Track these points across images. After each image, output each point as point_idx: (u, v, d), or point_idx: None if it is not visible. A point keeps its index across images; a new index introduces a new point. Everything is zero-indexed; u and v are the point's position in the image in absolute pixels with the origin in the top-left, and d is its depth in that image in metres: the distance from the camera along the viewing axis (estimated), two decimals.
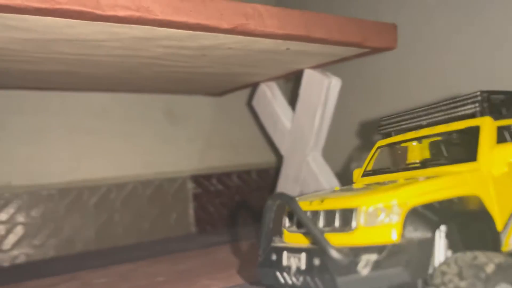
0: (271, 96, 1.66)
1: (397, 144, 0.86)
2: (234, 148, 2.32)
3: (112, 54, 1.14)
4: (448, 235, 0.62)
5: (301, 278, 0.60)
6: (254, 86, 1.75)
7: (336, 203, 0.62)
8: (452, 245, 0.62)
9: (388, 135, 0.89)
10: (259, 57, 1.29)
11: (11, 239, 1.76)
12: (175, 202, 2.16)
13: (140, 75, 1.45)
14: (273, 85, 1.70)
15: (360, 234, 0.60)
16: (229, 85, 1.77)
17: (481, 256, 0.58)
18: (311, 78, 1.48)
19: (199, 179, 2.24)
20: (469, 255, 0.59)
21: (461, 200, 0.64)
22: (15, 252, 1.77)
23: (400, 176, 0.77)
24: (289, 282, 0.62)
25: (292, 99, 1.62)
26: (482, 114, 0.75)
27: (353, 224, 0.60)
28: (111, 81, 1.54)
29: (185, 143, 2.20)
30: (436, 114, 0.80)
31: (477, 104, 0.75)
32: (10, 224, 1.78)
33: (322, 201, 0.64)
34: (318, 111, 1.45)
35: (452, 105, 0.78)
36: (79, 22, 0.87)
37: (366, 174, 0.85)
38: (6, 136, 1.81)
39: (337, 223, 0.62)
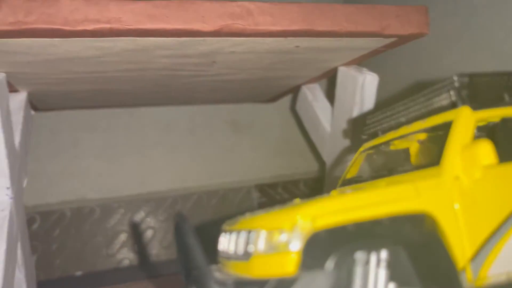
0: (312, 99, 1.56)
1: (381, 147, 0.72)
2: (301, 154, 2.23)
3: (122, 69, 1.17)
4: (392, 264, 0.47)
5: None
6: (297, 90, 1.67)
7: (247, 223, 0.52)
8: (397, 277, 0.47)
9: (375, 135, 0.75)
10: (276, 59, 1.22)
11: None
12: (240, 212, 2.14)
13: (172, 88, 1.46)
14: (315, 87, 1.59)
15: (256, 263, 0.47)
16: (272, 91, 1.71)
17: None
18: (345, 76, 1.35)
19: (264, 188, 2.20)
20: None
21: (397, 220, 0.47)
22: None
23: (363, 186, 0.63)
24: None
25: None
26: (461, 104, 0.58)
27: (250, 250, 0.48)
28: (151, 96, 1.58)
29: (249, 152, 2.18)
30: (413, 108, 0.64)
31: (452, 92, 0.58)
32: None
33: (246, 219, 0.54)
34: (354, 111, 1.32)
35: (429, 96, 0.62)
36: (58, 40, 0.90)
37: (344, 183, 0.72)
38: (80, 152, 1.97)
39: (240, 248, 0.50)
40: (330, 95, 1.52)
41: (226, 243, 0.52)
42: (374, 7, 1.06)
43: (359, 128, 0.77)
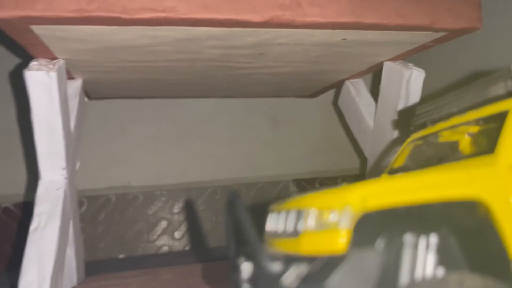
0: (355, 94, 1.55)
1: (431, 137, 0.71)
2: (340, 151, 2.23)
3: (172, 59, 1.21)
4: (441, 248, 0.48)
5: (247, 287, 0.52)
6: (340, 85, 1.66)
7: (297, 202, 0.53)
8: (446, 261, 0.48)
9: (424, 126, 0.75)
10: (323, 52, 1.22)
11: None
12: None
13: (218, 80, 1.49)
14: (359, 82, 1.58)
15: (306, 240, 0.48)
16: (315, 85, 1.71)
17: (469, 281, 0.43)
18: (390, 71, 1.34)
19: (302, 183, 2.21)
20: (453, 277, 0.44)
21: (449, 205, 0.47)
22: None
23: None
24: None
25: None
26: None
27: (300, 227, 0.49)
28: (196, 88, 1.62)
29: (288, 147, 2.20)
30: (467, 98, 0.64)
31: (509, 81, 0.57)
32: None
33: (294, 199, 0.56)
34: (398, 107, 1.31)
35: (483, 85, 0.61)
36: (115, 28, 0.94)
37: (391, 172, 0.72)
38: (126, 141, 2.05)
39: (289, 226, 0.51)
40: (374, 90, 1.51)
41: (274, 222, 0.54)
42: (425, 1, 1.05)
43: (405, 122, 0.76)
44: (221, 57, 1.20)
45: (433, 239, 0.48)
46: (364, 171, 1.57)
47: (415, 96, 1.29)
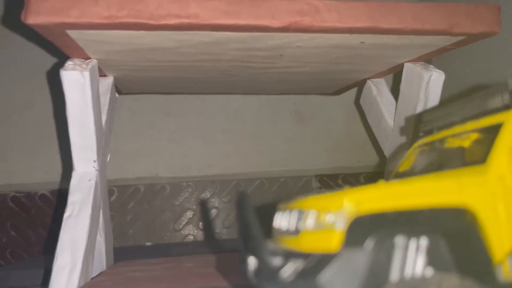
0: (377, 93, 1.57)
1: (437, 143, 0.74)
2: (363, 148, 2.25)
3: (197, 60, 1.27)
4: (430, 251, 0.52)
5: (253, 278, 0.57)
6: (362, 84, 1.69)
7: (300, 203, 0.58)
8: (435, 263, 0.52)
9: (430, 132, 0.78)
10: (342, 54, 1.26)
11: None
12: None
13: (241, 78, 1.55)
14: (381, 81, 1.60)
15: (304, 239, 0.54)
16: (337, 84, 1.74)
17: (447, 282, 0.47)
18: (411, 72, 1.36)
19: (324, 179, 2.25)
20: (434, 277, 0.48)
21: (438, 211, 0.51)
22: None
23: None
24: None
25: None
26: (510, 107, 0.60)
27: (300, 226, 0.55)
28: (221, 84, 1.68)
29: (311, 143, 2.24)
30: (468, 108, 0.67)
31: (505, 95, 0.60)
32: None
33: (298, 200, 0.61)
34: (418, 108, 1.33)
35: (484, 97, 0.64)
36: (143, 32, 1.01)
37: (397, 176, 0.76)
38: (155, 134, 2.13)
39: (292, 225, 0.56)
40: (396, 90, 1.53)
41: (280, 220, 0.59)
42: (443, 5, 1.07)
43: (417, 125, 0.80)
44: (242, 58, 1.26)
45: (423, 241, 0.52)
46: (383, 170, 1.60)
47: (434, 98, 1.31)
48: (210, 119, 2.16)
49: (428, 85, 1.30)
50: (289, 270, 0.50)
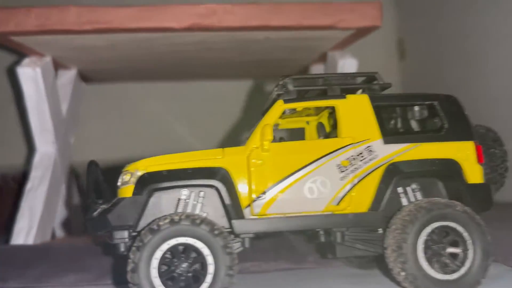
0: None
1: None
2: None
3: (139, 54, 1.48)
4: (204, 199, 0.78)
5: None
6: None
7: (126, 167, 0.81)
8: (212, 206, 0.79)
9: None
10: (265, 46, 1.42)
11: None
12: None
13: (190, 67, 1.75)
14: (321, 68, 1.76)
15: (121, 191, 0.79)
16: (290, 69, 1.89)
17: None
18: (331, 59, 1.52)
19: None
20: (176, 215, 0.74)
21: (204, 170, 0.77)
22: None
23: None
24: None
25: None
26: (277, 98, 0.83)
27: (119, 183, 0.81)
28: (170, 70, 1.87)
29: None
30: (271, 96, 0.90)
31: (276, 89, 0.84)
32: None
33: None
34: None
35: (273, 89, 0.88)
36: (73, 36, 1.23)
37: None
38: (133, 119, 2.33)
39: (119, 182, 0.81)
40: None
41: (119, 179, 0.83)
42: (329, 4, 1.24)
43: None
44: (171, 51, 1.46)
45: (199, 193, 0.79)
46: None
47: None
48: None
49: (343, 70, 1.46)
50: (99, 210, 0.78)
